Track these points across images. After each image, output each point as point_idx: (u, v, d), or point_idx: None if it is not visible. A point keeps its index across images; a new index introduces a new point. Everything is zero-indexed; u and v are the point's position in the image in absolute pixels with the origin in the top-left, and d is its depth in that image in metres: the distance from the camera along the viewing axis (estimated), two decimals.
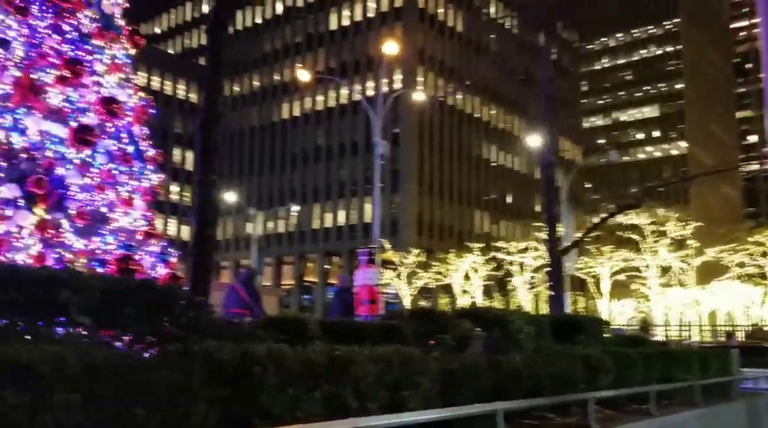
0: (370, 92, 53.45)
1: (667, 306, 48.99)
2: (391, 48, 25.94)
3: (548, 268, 17.39)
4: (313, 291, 61.25)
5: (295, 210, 60.24)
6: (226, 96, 70.73)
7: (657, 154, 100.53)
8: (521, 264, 46.89)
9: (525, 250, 45.54)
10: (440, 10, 64.23)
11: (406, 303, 45.47)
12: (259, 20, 70.51)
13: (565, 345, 9.27)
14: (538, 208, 69.18)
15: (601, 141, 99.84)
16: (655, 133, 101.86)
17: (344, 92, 62.09)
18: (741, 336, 34.66)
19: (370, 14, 62.93)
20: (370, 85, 57.80)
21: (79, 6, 8.89)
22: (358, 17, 63.71)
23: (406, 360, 5.60)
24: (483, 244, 49.40)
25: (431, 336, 7.75)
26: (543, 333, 9.36)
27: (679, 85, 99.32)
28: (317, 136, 64.05)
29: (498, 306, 44.93)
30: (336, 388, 4.93)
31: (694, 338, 40.02)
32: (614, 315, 47.40)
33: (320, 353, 5.02)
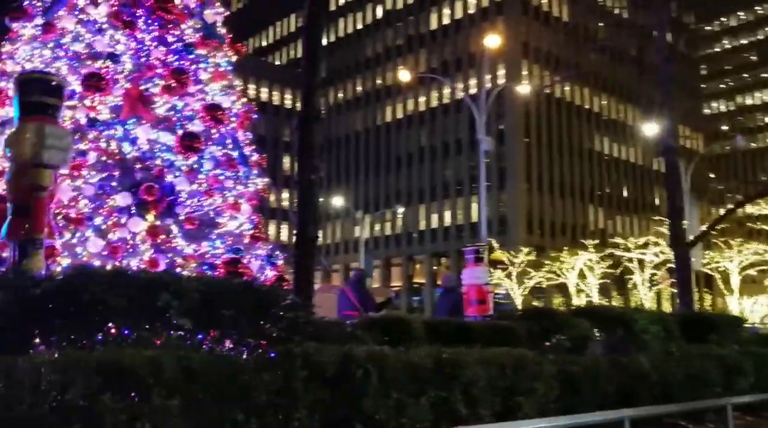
0: (473, 90, 52.69)
1: None
2: (493, 42, 25.32)
3: (672, 264, 16.21)
4: (422, 292, 61.15)
5: (402, 211, 60.46)
6: (330, 103, 72.40)
7: None
8: (640, 261, 44.43)
9: (644, 246, 43.11)
10: (544, 0, 62.37)
11: (518, 303, 44.32)
12: (360, 26, 71.47)
13: (695, 345, 8.47)
14: (657, 200, 65.66)
15: (724, 127, 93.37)
16: None
17: (447, 91, 61.66)
18: None
19: (471, 11, 62.09)
20: (473, 82, 57.05)
21: (182, 17, 9.12)
22: (459, 15, 63.07)
23: (520, 362, 5.21)
24: (598, 241, 47.34)
25: (546, 337, 7.28)
26: (671, 332, 8.60)
27: None
28: (421, 136, 63.97)
29: (616, 305, 42.84)
30: (444, 393, 4.62)
31: None
32: (746, 313, 43.93)
33: (425, 355, 4.73)
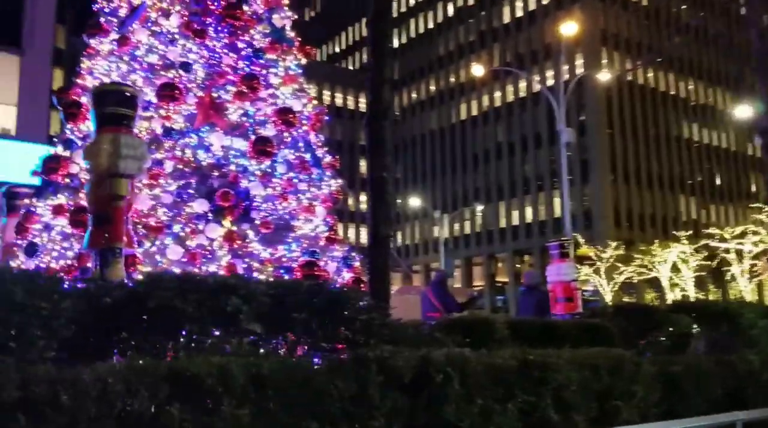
0: (550, 82, 51.32)
1: None
2: (570, 30, 24.47)
3: None
4: (505, 292, 60.03)
5: (481, 209, 59.62)
6: (404, 104, 72.38)
7: None
8: (738, 252, 41.89)
9: (742, 235, 40.64)
10: None
11: (607, 300, 42.70)
12: (431, 25, 71.14)
13: None
14: (753, 187, 61.96)
15: None
16: None
17: (523, 85, 60.40)
18: None
19: (545, 1, 60.55)
20: (550, 74, 55.59)
21: (251, 23, 9.13)
22: (533, 6, 61.64)
23: (616, 364, 4.79)
24: (691, 232, 45.03)
25: (642, 336, 6.78)
26: None
27: None
28: (498, 132, 62.89)
29: (714, 298, 40.54)
30: (533, 398, 4.29)
31: None
32: None
33: (510, 357, 4.41)
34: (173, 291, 3.56)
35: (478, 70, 35.81)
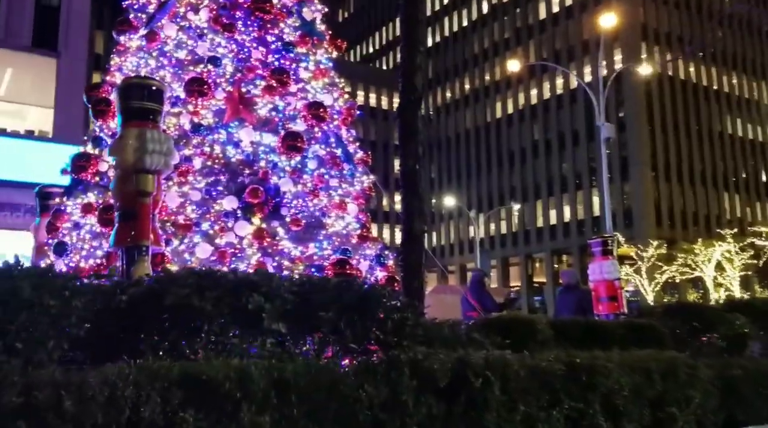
0: (587, 78, 50.28)
1: None
2: (609, 22, 23.81)
3: None
4: (543, 292, 59.05)
5: (518, 209, 58.77)
6: (438, 103, 71.87)
7: None
8: None
9: None
10: None
11: (649, 300, 41.60)
12: (465, 23, 70.49)
13: None
14: None
15: None
16: None
17: (560, 82, 59.34)
18: None
19: None
20: (588, 70, 54.50)
21: (280, 16, 8.93)
22: (569, 1, 60.53)
23: (670, 367, 4.42)
24: (736, 230, 43.63)
25: (693, 337, 6.35)
26: None
27: None
28: (534, 130, 61.92)
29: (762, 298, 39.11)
30: (580, 405, 3.95)
31: None
32: None
33: (555, 361, 4.08)
34: (190, 289, 3.33)
35: (514, 66, 35.17)
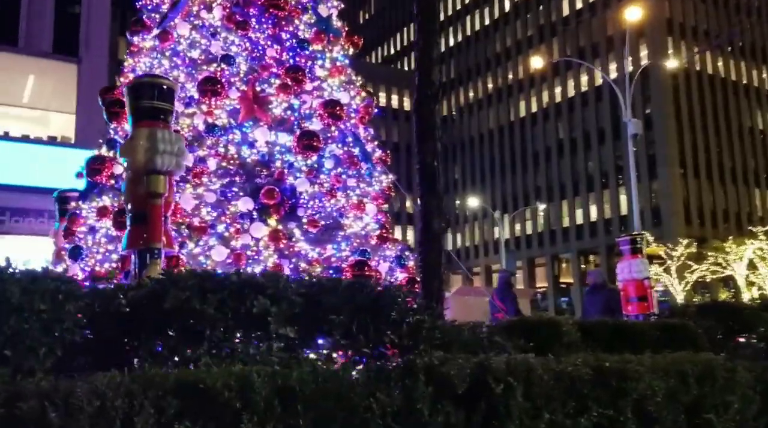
0: (613, 75, 49.51)
1: None
2: (634, 15, 23.34)
3: None
4: (570, 293, 58.27)
5: (543, 209, 58.08)
6: (461, 103, 71.43)
7: None
8: None
9: None
10: None
11: (679, 300, 40.74)
12: (487, 22, 70.01)
13: None
14: None
15: None
16: None
17: (584, 79, 58.58)
18: None
19: None
20: (613, 67, 53.71)
21: (295, 13, 8.77)
22: None
23: (706, 370, 4.13)
24: None
25: (729, 337, 6.03)
26: None
27: None
28: (559, 129, 61.18)
29: None
30: (610, 411, 3.69)
31: None
32: None
33: (583, 365, 3.81)
34: (191, 291, 3.14)
35: (537, 63, 34.74)
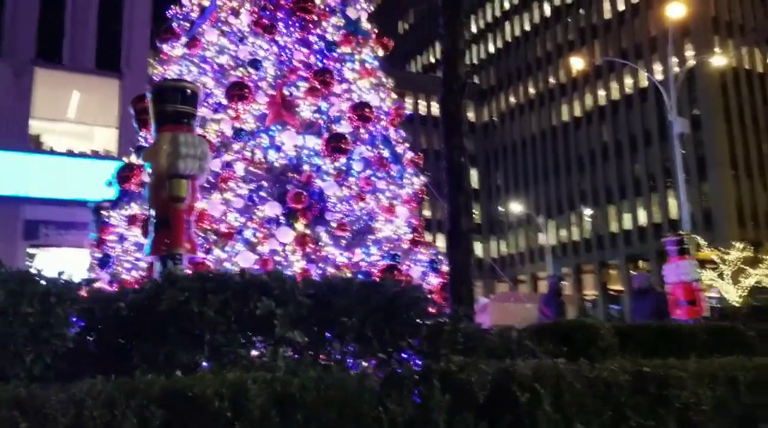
0: (658, 77, 48.20)
1: None
2: (677, 12, 22.61)
3: None
4: (620, 300, 56.71)
5: (589, 214, 56.79)
6: (502, 109, 70.66)
7: None
8: None
9: None
10: None
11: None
12: (527, 27, 69.21)
13: None
14: None
15: None
16: None
17: (628, 81, 57.23)
18: None
19: None
20: (658, 69, 52.31)
21: (323, 16, 8.65)
22: None
23: (759, 376, 3.76)
24: None
25: None
26: None
27: None
28: (603, 132, 59.83)
29: None
30: (651, 422, 3.36)
31: None
32: None
33: (620, 370, 3.50)
34: (190, 293, 2.96)
35: (579, 64, 34.06)
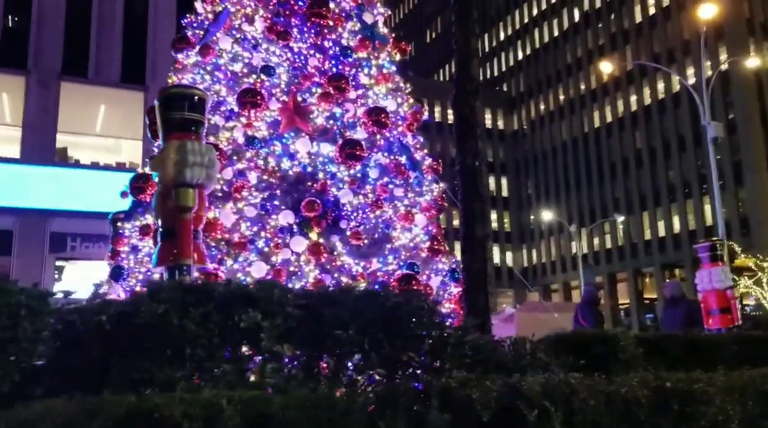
0: (691, 80, 47.18)
1: None
2: (709, 13, 22.03)
3: None
4: (655, 309, 55.40)
5: (622, 221, 55.70)
6: (532, 116, 69.92)
7: None
8: None
9: None
10: None
11: None
12: (556, 33, 68.53)
13: None
14: None
15: None
16: None
17: (661, 86, 56.20)
18: None
19: None
20: (690, 72, 51.25)
21: (338, 21, 8.50)
22: (667, 2, 57.44)
23: None
24: None
25: None
26: None
27: None
28: (636, 138, 58.77)
29: None
30: None
31: None
32: None
33: (640, 385, 3.21)
34: (171, 304, 2.77)
35: (608, 69, 33.47)
